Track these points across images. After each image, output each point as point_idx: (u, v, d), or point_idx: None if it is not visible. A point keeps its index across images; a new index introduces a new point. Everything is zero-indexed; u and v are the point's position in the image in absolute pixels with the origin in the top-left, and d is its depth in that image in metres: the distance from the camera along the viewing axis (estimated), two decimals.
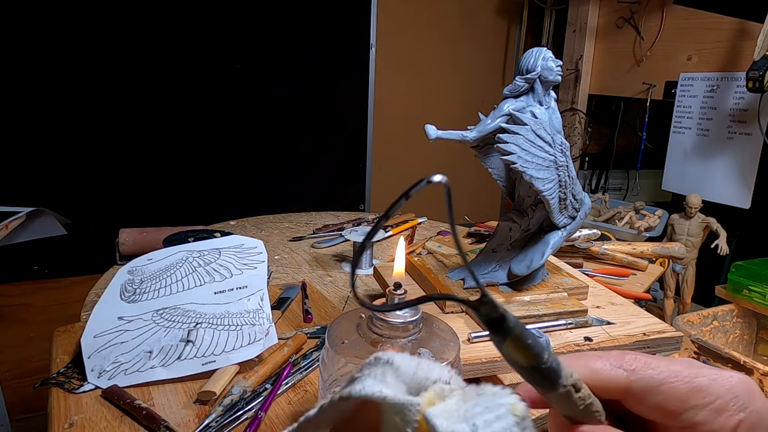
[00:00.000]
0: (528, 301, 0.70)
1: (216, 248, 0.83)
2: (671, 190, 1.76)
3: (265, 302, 0.74)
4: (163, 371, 0.64)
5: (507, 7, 2.30)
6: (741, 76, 1.47)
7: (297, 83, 1.88)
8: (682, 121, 1.69)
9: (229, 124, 1.79)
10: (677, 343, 0.68)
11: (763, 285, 1.12)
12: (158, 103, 1.66)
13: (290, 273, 1.05)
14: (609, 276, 1.06)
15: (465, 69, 2.30)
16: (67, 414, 0.58)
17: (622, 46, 1.88)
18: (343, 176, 2.07)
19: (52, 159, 1.54)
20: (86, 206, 1.60)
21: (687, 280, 1.50)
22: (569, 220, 0.69)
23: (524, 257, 0.70)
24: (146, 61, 1.61)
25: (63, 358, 0.68)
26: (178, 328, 0.69)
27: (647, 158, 1.89)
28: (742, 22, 1.49)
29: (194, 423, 0.57)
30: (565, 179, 0.65)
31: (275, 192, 1.92)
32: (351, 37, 1.96)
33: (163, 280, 0.76)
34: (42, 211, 1.16)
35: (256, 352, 0.67)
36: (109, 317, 0.71)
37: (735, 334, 1.22)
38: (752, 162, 1.51)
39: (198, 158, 1.76)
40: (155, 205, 1.71)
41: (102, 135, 1.59)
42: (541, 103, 0.68)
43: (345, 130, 2.04)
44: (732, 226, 1.63)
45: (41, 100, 1.50)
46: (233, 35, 1.73)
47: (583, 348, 0.64)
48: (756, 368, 0.96)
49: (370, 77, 2.03)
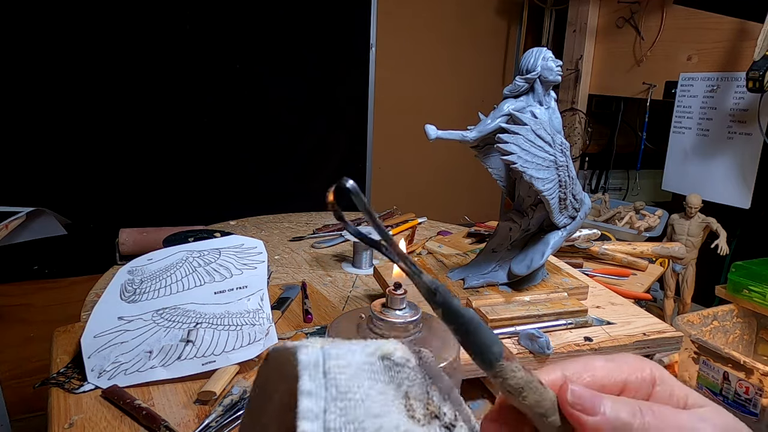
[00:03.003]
0: (528, 301, 0.70)
1: (216, 248, 0.83)
2: (671, 190, 1.76)
3: (265, 302, 0.74)
4: (163, 371, 0.64)
5: (507, 7, 2.30)
6: (741, 76, 1.47)
7: (297, 83, 1.88)
8: (682, 121, 1.69)
9: (229, 124, 1.79)
10: (677, 343, 0.69)
11: (763, 285, 1.12)
12: (158, 103, 1.66)
13: (290, 273, 1.05)
14: (609, 276, 1.06)
15: (465, 69, 2.30)
16: (67, 414, 0.58)
17: (622, 46, 1.88)
18: (342, 176, 2.06)
19: (52, 159, 1.54)
20: (86, 206, 1.60)
21: (687, 280, 1.50)
22: (569, 220, 0.69)
23: (524, 257, 0.70)
24: (146, 61, 1.61)
25: (63, 358, 0.68)
26: (178, 328, 0.69)
27: (647, 158, 1.89)
28: (742, 22, 1.49)
29: (194, 423, 0.57)
30: (565, 179, 0.65)
31: (275, 192, 1.92)
32: (351, 37, 1.96)
33: (163, 280, 0.76)
34: (42, 211, 1.16)
35: (256, 352, 0.67)
36: (109, 317, 0.71)
37: (735, 334, 1.22)
38: (752, 162, 1.51)
39: (198, 158, 1.76)
40: (155, 205, 1.71)
41: (102, 135, 1.59)
42: (541, 103, 0.68)
43: (345, 130, 2.03)
44: (732, 226, 1.63)
45: (41, 100, 1.50)
46: (233, 35, 1.73)
47: (583, 348, 0.64)
48: (756, 368, 0.95)
49: (370, 77, 2.03)
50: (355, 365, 0.20)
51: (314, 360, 0.20)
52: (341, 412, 0.19)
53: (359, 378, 0.20)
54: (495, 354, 0.23)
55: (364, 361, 0.21)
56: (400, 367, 0.21)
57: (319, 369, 0.20)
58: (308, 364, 0.20)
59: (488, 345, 0.23)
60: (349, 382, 0.20)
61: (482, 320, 0.24)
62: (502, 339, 0.65)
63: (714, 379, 1.03)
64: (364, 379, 0.20)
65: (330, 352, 0.21)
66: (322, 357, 0.20)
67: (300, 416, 0.19)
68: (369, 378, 0.20)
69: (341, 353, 0.21)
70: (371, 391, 0.20)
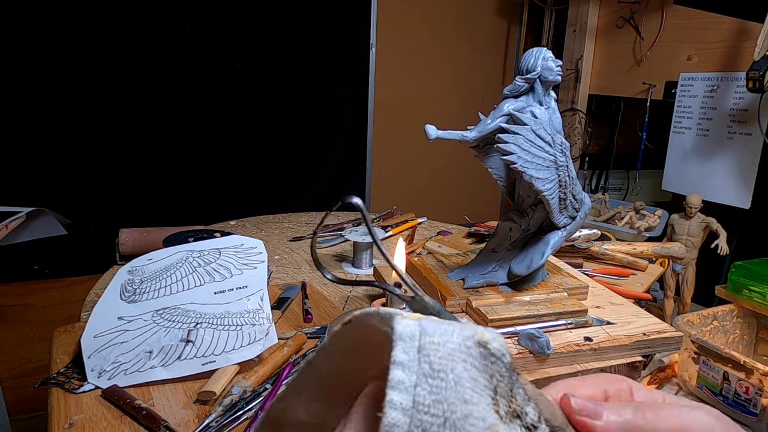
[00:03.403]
0: (528, 301, 0.70)
1: (216, 248, 0.83)
2: (671, 190, 1.76)
3: (265, 302, 0.74)
4: (163, 371, 0.64)
5: (507, 7, 2.30)
6: (741, 76, 1.47)
7: (297, 83, 1.88)
8: (682, 121, 1.69)
9: (229, 124, 1.79)
10: (677, 343, 0.69)
11: (763, 285, 1.12)
12: (158, 102, 1.66)
13: (290, 273, 1.05)
14: (609, 276, 1.07)
15: (465, 69, 2.30)
16: (67, 414, 0.58)
17: (622, 46, 1.88)
18: (343, 176, 2.07)
19: (52, 159, 1.54)
20: (86, 206, 1.60)
21: (687, 280, 1.50)
22: (569, 220, 0.69)
23: (524, 257, 0.70)
24: (146, 60, 1.61)
25: (63, 358, 0.68)
26: (178, 328, 0.69)
27: (647, 158, 1.89)
28: (742, 22, 1.49)
29: (194, 423, 0.57)
30: (565, 179, 0.65)
31: (275, 192, 1.92)
32: (351, 37, 1.96)
33: (163, 280, 0.76)
34: (42, 211, 1.16)
35: (256, 352, 0.67)
36: (109, 317, 0.71)
37: (735, 334, 1.22)
38: (752, 162, 1.51)
39: (198, 158, 1.76)
40: (155, 205, 1.71)
41: (102, 135, 1.59)
42: (541, 103, 0.68)
43: (345, 130, 2.03)
44: (732, 226, 1.63)
45: (41, 100, 1.50)
46: (233, 35, 1.73)
47: (583, 348, 0.64)
48: (756, 368, 0.95)
49: (370, 77, 2.03)
50: (451, 346, 0.20)
51: (410, 333, 0.20)
52: (432, 390, 0.19)
53: (454, 360, 0.20)
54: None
55: (460, 343, 0.20)
56: (495, 359, 0.20)
57: (415, 342, 0.20)
58: (404, 335, 0.20)
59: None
60: (443, 361, 0.19)
61: (482, 322, 0.23)
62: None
63: (714, 379, 1.03)
64: (458, 362, 0.20)
65: (427, 328, 0.20)
66: (419, 331, 0.20)
67: (390, 386, 0.19)
68: (463, 361, 0.20)
69: (438, 331, 0.20)
70: (464, 375, 0.19)
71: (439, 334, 0.20)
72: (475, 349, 0.20)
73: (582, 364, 0.64)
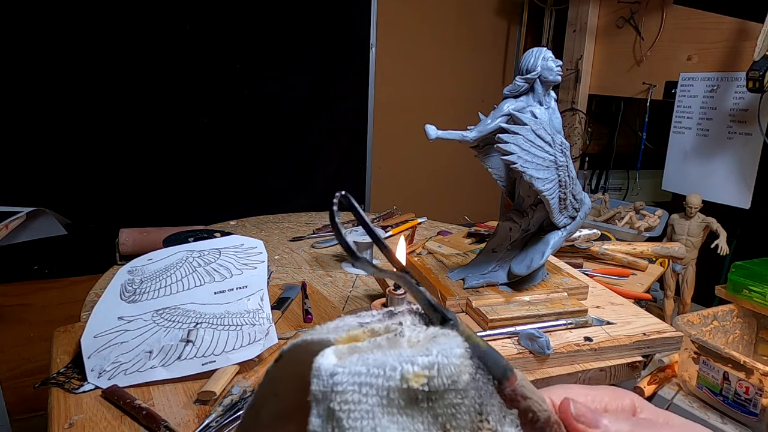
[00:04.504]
0: (528, 301, 0.70)
1: (216, 248, 0.83)
2: (671, 190, 1.76)
3: (265, 302, 0.74)
4: (163, 371, 0.64)
5: (507, 7, 2.30)
6: (741, 76, 1.47)
7: (297, 83, 1.88)
8: (682, 121, 1.69)
9: (229, 124, 1.79)
10: (677, 343, 0.69)
11: (763, 285, 1.12)
12: (158, 102, 1.66)
13: (290, 273, 1.05)
14: (609, 276, 1.06)
15: (465, 69, 2.30)
16: (67, 414, 0.58)
17: (622, 46, 1.88)
18: (343, 176, 2.07)
19: (52, 159, 1.54)
20: (86, 206, 1.60)
21: (687, 280, 1.50)
22: (569, 220, 0.69)
23: (524, 257, 0.70)
24: (146, 60, 1.61)
25: (63, 358, 0.68)
26: (178, 328, 0.69)
27: (647, 158, 1.89)
28: (742, 22, 1.49)
29: (194, 423, 0.57)
30: (565, 179, 0.65)
31: (275, 192, 1.92)
32: (351, 37, 1.96)
33: (163, 280, 0.76)
34: (42, 211, 1.16)
35: (256, 352, 0.67)
36: (109, 317, 0.71)
37: (735, 334, 1.22)
38: (752, 162, 1.51)
39: (198, 158, 1.76)
40: (155, 205, 1.71)
41: (102, 135, 1.59)
42: (541, 103, 0.68)
43: (345, 130, 2.03)
44: (732, 226, 1.63)
45: (41, 100, 1.50)
46: (233, 35, 1.73)
47: (583, 348, 0.64)
48: (756, 368, 0.95)
49: (370, 77, 2.03)
50: (368, 402, 0.18)
51: (323, 388, 0.18)
52: None
53: (373, 417, 0.17)
54: (506, 367, 0.23)
55: (378, 400, 0.18)
56: (438, 394, 0.18)
57: (326, 404, 0.18)
58: (316, 392, 0.18)
59: (498, 359, 0.23)
60: (356, 423, 0.17)
61: (482, 322, 0.23)
62: (502, 339, 0.65)
63: (714, 379, 1.03)
64: (379, 419, 0.18)
65: (339, 387, 0.18)
66: (331, 387, 0.18)
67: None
68: (387, 414, 0.18)
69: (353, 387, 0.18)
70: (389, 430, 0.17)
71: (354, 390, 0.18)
72: (399, 397, 0.18)
73: (582, 364, 0.64)
